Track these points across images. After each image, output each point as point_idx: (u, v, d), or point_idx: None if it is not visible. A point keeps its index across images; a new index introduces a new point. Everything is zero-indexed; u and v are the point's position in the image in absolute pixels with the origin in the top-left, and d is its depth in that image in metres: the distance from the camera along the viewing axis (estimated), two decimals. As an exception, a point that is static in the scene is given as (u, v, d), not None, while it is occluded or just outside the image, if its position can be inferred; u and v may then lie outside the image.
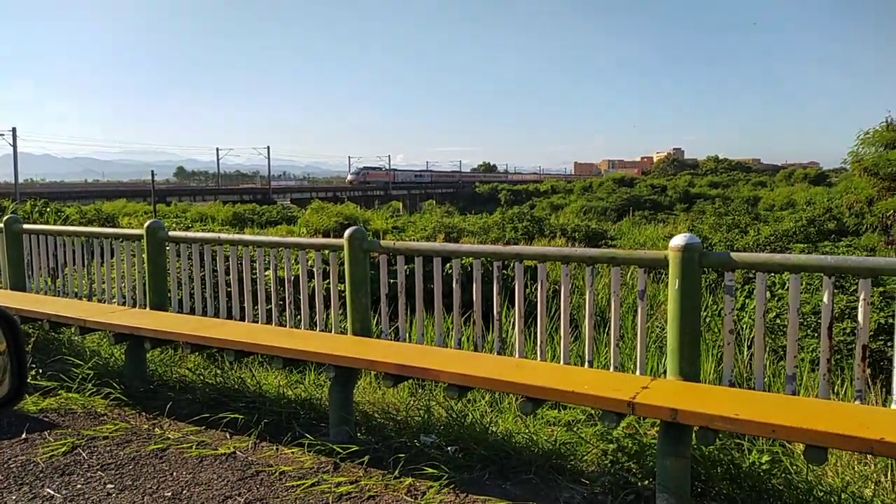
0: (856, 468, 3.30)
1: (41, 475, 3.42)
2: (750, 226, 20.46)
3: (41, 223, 14.40)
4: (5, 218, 6.32)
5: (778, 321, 7.11)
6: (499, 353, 3.86)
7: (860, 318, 2.89)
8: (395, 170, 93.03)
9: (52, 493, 3.24)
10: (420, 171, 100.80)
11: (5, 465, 3.50)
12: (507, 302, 5.11)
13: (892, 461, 3.19)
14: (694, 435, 2.89)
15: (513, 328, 4.83)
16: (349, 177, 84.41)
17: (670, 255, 3.22)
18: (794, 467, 3.13)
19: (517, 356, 3.79)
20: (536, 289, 3.80)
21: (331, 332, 4.49)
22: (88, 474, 3.45)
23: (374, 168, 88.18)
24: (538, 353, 3.74)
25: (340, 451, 3.57)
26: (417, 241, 11.10)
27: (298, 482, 3.32)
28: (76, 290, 5.82)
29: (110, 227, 16.53)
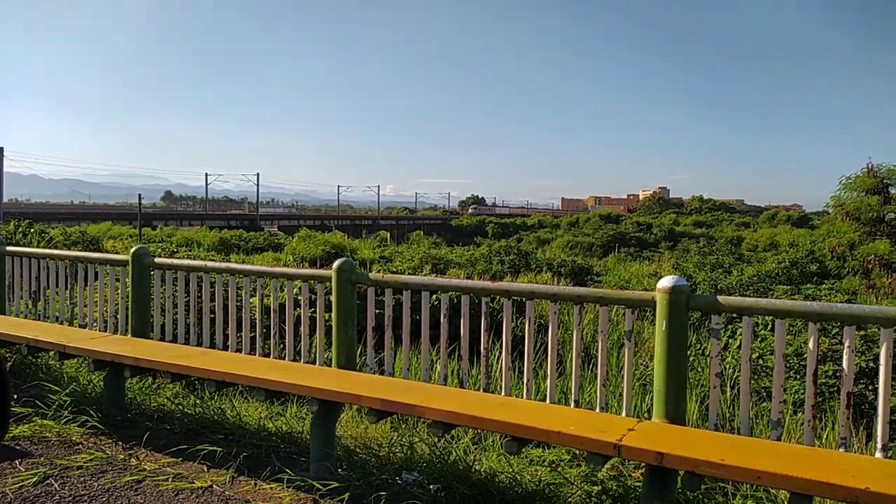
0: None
1: (10, 507, 3.32)
2: (734, 266, 20.68)
3: (24, 244, 14.22)
4: (-13, 239, 6.24)
5: (761, 362, 7.14)
6: (485, 390, 3.83)
7: (845, 365, 2.91)
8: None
9: (21, 525, 3.14)
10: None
11: (-27, 496, 3.40)
12: (494, 335, 5.10)
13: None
14: (679, 479, 2.87)
15: (498, 361, 4.80)
16: (469, 210, 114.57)
17: (658, 297, 3.23)
18: (779, 514, 3.11)
19: (503, 393, 3.76)
20: (523, 323, 3.80)
21: (315, 363, 4.44)
22: (60, 506, 3.34)
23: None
24: (524, 390, 3.72)
25: (320, 487, 3.50)
26: (406, 273, 11.08)
27: (277, 519, 3.24)
28: (57, 314, 5.72)
29: (94, 249, 16.37)
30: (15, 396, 4.79)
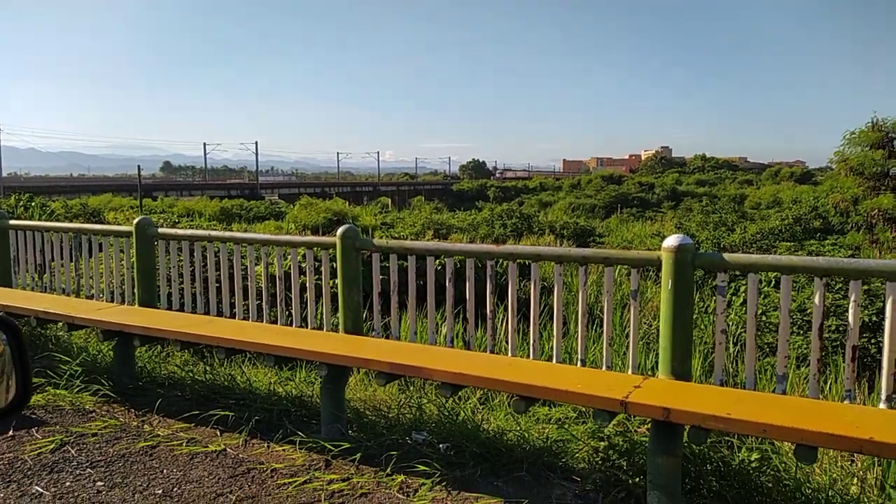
0: (843, 466, 3.35)
1: (29, 473, 3.39)
2: (737, 224, 20.65)
3: (26, 218, 14.23)
4: (-10, 214, 6.24)
5: (763, 318, 7.19)
6: (491, 352, 3.87)
7: (850, 319, 2.92)
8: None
9: (41, 490, 3.21)
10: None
11: (-8, 463, 3.47)
12: (498, 298, 5.12)
13: (877, 459, 3.23)
14: (685, 433, 2.91)
15: (503, 324, 4.82)
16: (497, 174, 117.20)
17: (663, 256, 3.23)
18: (783, 465, 3.17)
19: (509, 354, 3.80)
20: (527, 285, 3.81)
21: (322, 329, 4.48)
22: (77, 471, 3.42)
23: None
24: (531, 350, 3.75)
25: (332, 448, 3.57)
26: (409, 238, 11.09)
27: (290, 479, 3.31)
28: (63, 286, 5.76)
29: (96, 221, 16.37)
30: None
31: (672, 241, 3.25)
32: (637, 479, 3.15)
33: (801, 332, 6.82)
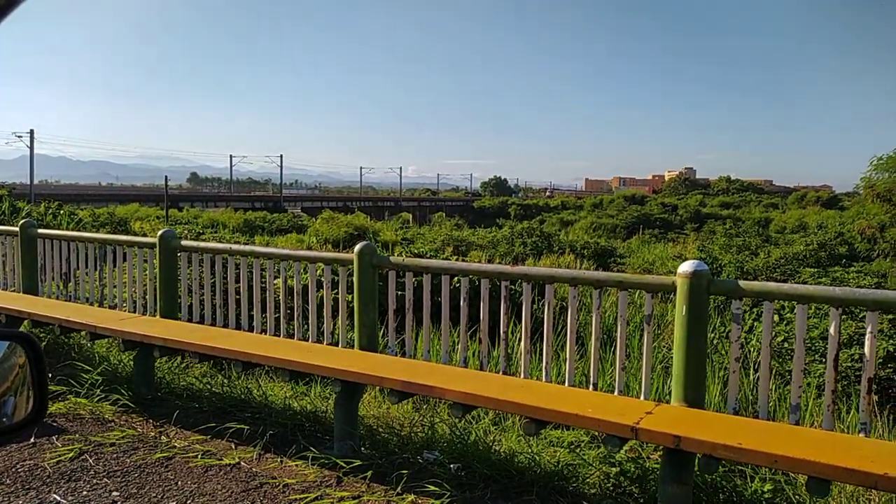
0: (860, 501, 3.29)
1: (48, 480, 3.46)
2: (760, 248, 20.38)
3: (54, 225, 14.56)
4: (21, 222, 6.42)
5: (785, 345, 7.08)
6: (504, 372, 3.88)
7: (867, 350, 2.89)
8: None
9: (59, 498, 3.28)
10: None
11: (13, 470, 3.55)
12: (514, 318, 5.12)
13: (895, 496, 3.17)
14: (697, 462, 2.89)
15: (518, 343, 4.83)
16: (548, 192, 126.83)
17: (678, 282, 3.23)
18: (797, 497, 3.12)
19: (522, 376, 3.80)
20: (543, 305, 3.83)
21: (338, 344, 4.52)
22: (94, 481, 3.48)
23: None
24: (543, 372, 3.76)
25: (344, 465, 3.60)
26: (428, 255, 11.14)
27: (302, 495, 3.34)
28: (87, 295, 5.89)
29: (122, 230, 16.68)
30: (50, 375, 4.96)
31: (687, 266, 3.25)
32: (647, 507, 3.13)
33: (822, 359, 6.70)
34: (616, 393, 3.51)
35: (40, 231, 6.36)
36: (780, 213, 58.01)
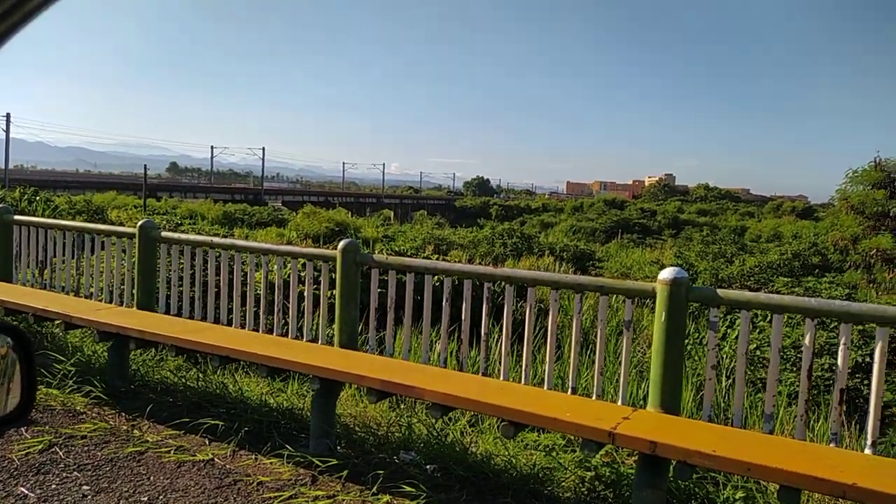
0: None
1: (15, 473, 3.40)
2: (736, 256, 20.67)
3: (30, 212, 14.27)
4: (-5, 208, 6.28)
5: (758, 353, 7.18)
6: (483, 373, 3.89)
7: (839, 362, 2.95)
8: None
9: (26, 491, 3.22)
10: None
11: (-19, 461, 3.48)
12: (494, 319, 5.13)
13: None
14: (671, 468, 2.93)
15: (497, 344, 4.85)
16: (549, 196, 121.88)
17: (658, 288, 3.27)
18: (768, 505, 3.18)
19: (502, 377, 3.82)
20: (523, 307, 3.85)
21: (317, 341, 4.50)
22: (64, 474, 3.43)
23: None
24: (523, 375, 3.77)
25: (319, 463, 3.58)
26: (409, 253, 11.12)
27: (276, 493, 3.32)
28: (63, 284, 5.78)
29: (99, 219, 16.41)
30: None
31: (667, 273, 3.28)
32: (621, 511, 3.16)
33: (795, 369, 6.82)
34: (594, 397, 3.54)
35: (16, 217, 6.23)
36: (756, 221, 58.87)
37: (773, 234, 41.33)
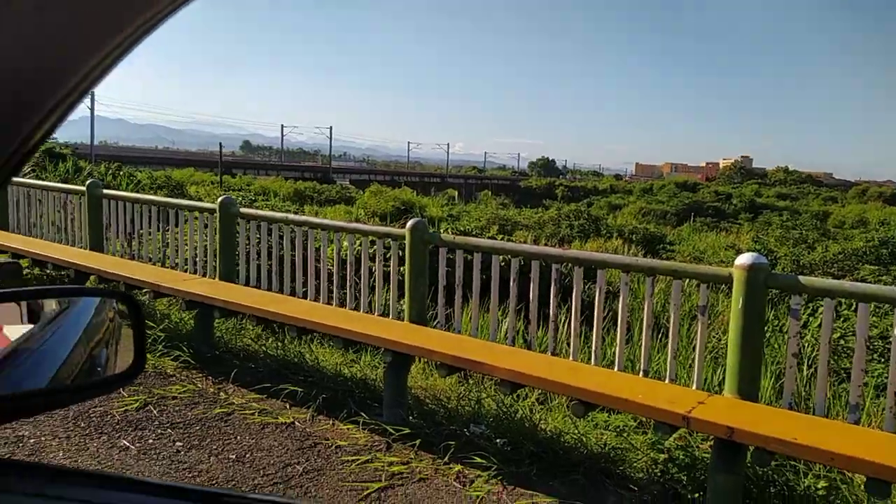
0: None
1: (118, 427, 3.68)
2: (818, 242, 19.69)
3: (114, 186, 15.10)
4: (87, 182, 6.70)
5: (842, 342, 6.87)
6: (552, 353, 3.90)
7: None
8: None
9: (128, 444, 3.48)
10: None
11: (87, 415, 3.77)
12: (561, 300, 5.12)
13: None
14: (749, 454, 2.88)
15: (565, 326, 4.86)
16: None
17: (735, 274, 3.19)
18: (854, 497, 3.08)
19: (570, 358, 3.82)
20: (592, 289, 3.83)
21: (387, 316, 4.62)
22: (159, 430, 3.68)
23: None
24: (592, 356, 3.77)
25: (393, 431, 3.70)
26: (474, 232, 11.17)
27: (353, 457, 3.46)
28: (150, 255, 6.14)
29: (179, 193, 17.20)
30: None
31: (745, 259, 3.20)
32: (696, 495, 3.14)
33: (883, 360, 6.50)
34: (667, 381, 3.50)
35: (105, 192, 6.63)
36: (840, 207, 55.78)
37: (857, 220, 39.08)
